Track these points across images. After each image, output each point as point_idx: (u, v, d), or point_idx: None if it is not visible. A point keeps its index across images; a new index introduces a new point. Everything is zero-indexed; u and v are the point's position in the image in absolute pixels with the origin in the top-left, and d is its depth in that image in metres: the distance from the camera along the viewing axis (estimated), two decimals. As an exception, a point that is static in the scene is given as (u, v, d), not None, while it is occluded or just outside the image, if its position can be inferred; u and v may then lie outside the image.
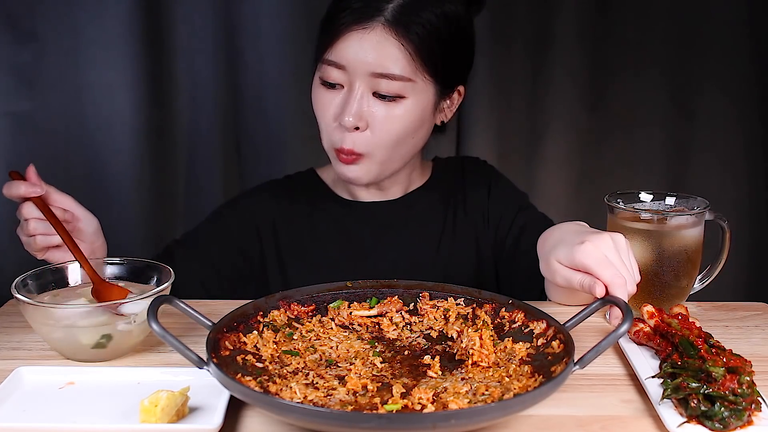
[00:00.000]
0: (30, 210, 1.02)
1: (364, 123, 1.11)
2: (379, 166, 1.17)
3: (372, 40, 1.08)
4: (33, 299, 0.92)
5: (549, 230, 1.01)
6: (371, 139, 1.12)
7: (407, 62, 1.10)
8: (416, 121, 1.14)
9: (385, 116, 1.11)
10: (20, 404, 0.80)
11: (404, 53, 1.09)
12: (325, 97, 1.14)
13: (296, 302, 0.97)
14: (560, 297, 1.12)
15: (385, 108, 1.11)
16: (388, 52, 1.09)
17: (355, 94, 1.10)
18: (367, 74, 1.09)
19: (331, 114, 1.13)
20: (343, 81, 1.11)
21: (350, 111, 1.10)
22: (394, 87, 1.10)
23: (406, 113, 1.12)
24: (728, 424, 0.74)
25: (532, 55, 1.89)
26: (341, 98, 1.12)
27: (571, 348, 0.80)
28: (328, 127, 1.15)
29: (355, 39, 1.09)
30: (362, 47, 1.08)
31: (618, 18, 1.87)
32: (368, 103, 1.11)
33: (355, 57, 1.09)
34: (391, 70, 1.09)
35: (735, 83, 1.91)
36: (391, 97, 1.11)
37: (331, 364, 0.87)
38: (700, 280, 1.10)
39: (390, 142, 1.14)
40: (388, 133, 1.13)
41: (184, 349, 0.76)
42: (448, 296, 1.00)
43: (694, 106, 1.93)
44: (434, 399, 0.77)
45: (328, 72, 1.11)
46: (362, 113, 1.11)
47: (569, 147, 1.95)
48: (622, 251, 0.88)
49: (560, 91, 1.90)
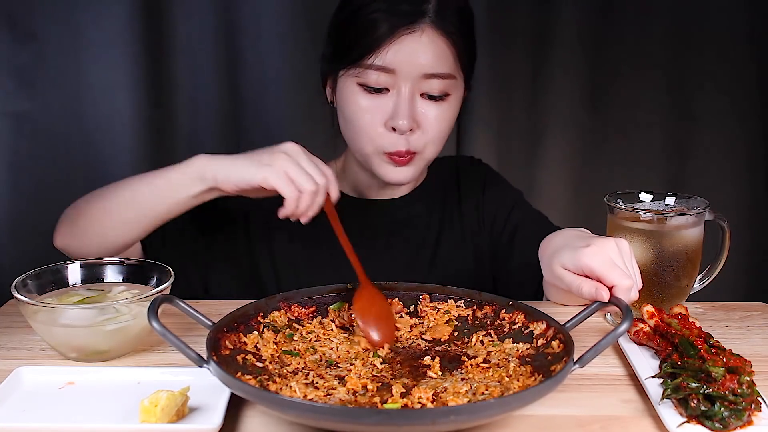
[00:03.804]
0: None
1: (416, 124, 1.11)
2: (426, 163, 1.18)
3: (423, 42, 1.07)
4: (33, 299, 0.92)
5: (551, 236, 1.01)
6: (423, 138, 1.13)
7: (453, 59, 1.10)
8: (455, 115, 1.16)
9: (436, 116, 1.12)
10: (20, 404, 0.80)
11: (451, 50, 1.10)
12: (368, 102, 1.11)
13: (297, 303, 0.97)
14: (559, 298, 1.12)
15: (435, 107, 1.12)
16: (439, 52, 1.09)
17: (406, 97, 1.09)
18: (418, 76, 1.09)
19: (379, 119, 1.11)
20: (390, 85, 1.10)
21: (404, 114, 1.09)
22: (442, 86, 1.10)
23: (451, 110, 1.14)
24: (728, 424, 0.74)
25: (532, 55, 1.89)
26: (390, 102, 1.10)
27: (571, 347, 0.80)
28: (374, 132, 1.12)
29: (406, 42, 1.07)
30: (415, 50, 1.07)
31: (618, 18, 1.87)
32: (418, 104, 1.11)
33: (407, 61, 1.07)
34: (441, 70, 1.09)
35: (735, 83, 1.91)
36: (439, 96, 1.11)
37: (331, 364, 0.88)
38: (700, 280, 1.10)
39: (440, 140, 1.15)
40: (439, 132, 1.14)
41: (185, 347, 0.76)
42: (448, 298, 1.00)
43: (694, 106, 1.92)
44: (434, 398, 0.77)
45: (373, 77, 1.09)
46: (414, 115, 1.11)
47: (569, 147, 1.94)
48: (625, 256, 0.88)
49: (560, 91, 1.90)
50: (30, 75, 1.65)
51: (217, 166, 1.01)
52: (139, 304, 0.91)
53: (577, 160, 1.96)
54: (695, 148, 1.95)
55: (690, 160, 1.96)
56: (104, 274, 1.03)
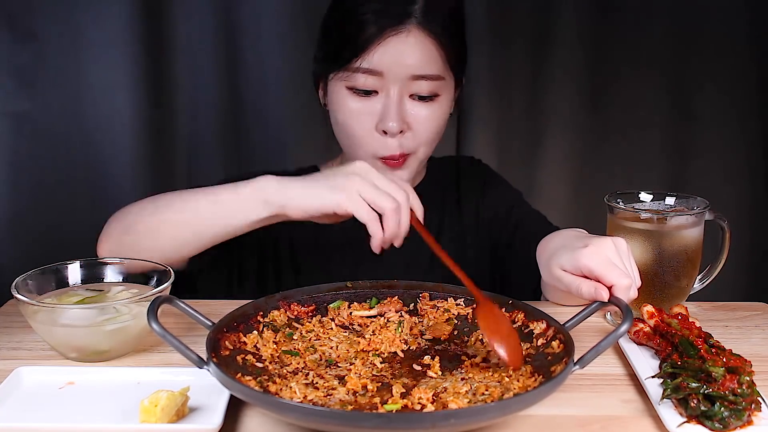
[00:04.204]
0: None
1: (406, 126, 1.11)
2: (420, 163, 1.18)
3: (410, 44, 1.07)
4: (33, 299, 0.92)
5: (548, 237, 1.01)
6: (415, 139, 1.13)
7: (441, 60, 1.10)
8: (446, 115, 1.16)
9: (426, 116, 1.12)
10: (20, 404, 0.80)
11: (439, 52, 1.09)
12: (358, 105, 1.11)
13: (296, 302, 0.97)
14: (558, 298, 1.12)
15: (424, 108, 1.12)
16: (426, 54, 1.08)
17: (395, 99, 1.09)
18: (406, 77, 1.09)
19: (370, 122, 1.11)
20: (378, 87, 1.10)
21: (394, 116, 1.09)
22: (430, 87, 1.10)
23: (441, 109, 1.14)
24: (728, 424, 0.74)
25: (532, 55, 1.89)
26: (379, 105, 1.10)
27: (571, 348, 0.80)
28: (367, 137, 1.12)
29: (393, 44, 1.07)
30: (402, 52, 1.07)
31: (618, 18, 1.87)
32: (408, 105, 1.11)
33: (394, 62, 1.07)
34: (429, 71, 1.09)
35: (735, 83, 1.91)
36: (428, 96, 1.11)
37: (331, 364, 0.88)
38: (700, 280, 1.10)
39: (432, 140, 1.16)
40: (430, 132, 1.14)
41: (184, 348, 0.76)
42: (447, 296, 1.00)
43: (693, 106, 1.93)
44: (434, 399, 0.77)
45: (361, 80, 1.09)
46: (404, 116, 1.11)
47: (569, 147, 1.95)
48: (623, 255, 0.88)
49: (560, 91, 1.90)
50: (30, 75, 1.65)
51: (286, 190, 0.94)
52: (139, 304, 0.91)
53: (577, 160, 1.96)
54: (695, 148, 1.95)
55: (690, 160, 1.96)
56: (104, 274, 1.03)
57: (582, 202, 1.96)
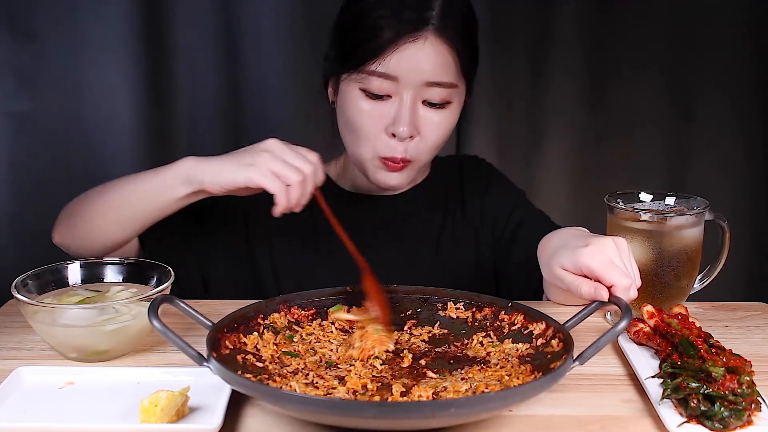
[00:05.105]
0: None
1: (416, 131, 1.11)
2: (419, 169, 1.19)
3: (426, 50, 1.07)
4: (33, 299, 0.92)
5: (549, 235, 1.01)
6: (420, 145, 1.13)
7: (456, 68, 1.10)
8: (455, 123, 1.16)
9: (437, 123, 1.12)
10: (20, 404, 0.80)
11: (453, 59, 1.09)
12: (371, 108, 1.11)
13: (297, 306, 0.98)
14: (559, 297, 1.12)
15: (435, 115, 1.12)
16: (441, 61, 1.08)
17: (407, 104, 1.09)
18: (420, 84, 1.08)
19: (381, 125, 1.11)
20: (392, 91, 1.10)
21: (405, 121, 1.09)
22: (444, 94, 1.10)
23: (451, 117, 1.14)
24: (728, 424, 0.74)
25: (532, 55, 1.89)
26: (392, 109, 1.10)
27: (570, 345, 0.80)
28: (374, 138, 1.12)
29: (410, 50, 1.07)
30: (418, 58, 1.07)
31: (618, 18, 1.87)
32: (419, 111, 1.11)
33: (411, 68, 1.07)
34: (444, 79, 1.09)
35: (735, 83, 1.91)
36: (440, 104, 1.11)
37: (331, 365, 0.88)
38: (700, 280, 1.10)
39: (437, 147, 1.16)
40: (438, 139, 1.14)
41: (185, 346, 0.76)
42: (447, 300, 1.00)
43: (694, 106, 1.93)
44: (434, 397, 0.77)
45: (376, 83, 1.09)
46: (415, 122, 1.11)
47: (569, 147, 1.95)
48: (624, 255, 0.88)
49: (560, 91, 1.90)
50: (30, 75, 1.65)
51: (203, 168, 1.02)
52: (139, 304, 0.91)
53: (577, 160, 1.96)
54: (695, 148, 1.95)
55: (690, 160, 1.96)
56: (104, 274, 1.03)
57: (582, 202, 1.96)
